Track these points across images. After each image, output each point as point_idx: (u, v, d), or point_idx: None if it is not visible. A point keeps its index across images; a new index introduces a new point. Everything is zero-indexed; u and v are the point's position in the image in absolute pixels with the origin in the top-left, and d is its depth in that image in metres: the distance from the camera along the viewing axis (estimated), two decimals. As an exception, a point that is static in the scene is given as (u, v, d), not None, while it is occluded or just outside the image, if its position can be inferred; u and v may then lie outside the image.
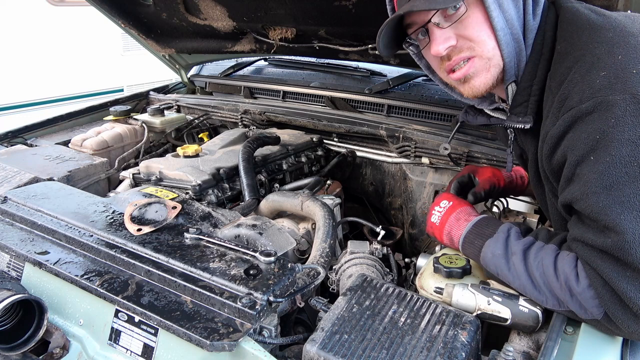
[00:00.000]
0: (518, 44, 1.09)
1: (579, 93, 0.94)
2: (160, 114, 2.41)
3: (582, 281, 0.95)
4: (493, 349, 0.99)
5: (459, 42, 1.09)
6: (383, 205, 2.29)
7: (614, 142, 0.89)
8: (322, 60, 2.83)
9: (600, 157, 0.91)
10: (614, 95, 0.90)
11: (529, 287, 1.03)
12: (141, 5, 2.37)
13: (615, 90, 0.90)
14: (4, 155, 1.91)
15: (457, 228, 1.21)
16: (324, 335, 0.96)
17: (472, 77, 1.12)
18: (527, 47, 1.10)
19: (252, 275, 1.12)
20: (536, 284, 1.02)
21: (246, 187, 1.71)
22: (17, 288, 1.17)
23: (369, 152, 2.23)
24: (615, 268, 0.90)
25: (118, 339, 1.12)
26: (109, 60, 5.95)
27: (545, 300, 1.02)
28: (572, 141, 0.96)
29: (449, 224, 1.23)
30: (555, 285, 0.99)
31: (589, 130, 0.92)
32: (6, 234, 1.37)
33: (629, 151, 0.88)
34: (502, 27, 1.05)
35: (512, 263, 1.06)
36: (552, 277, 0.99)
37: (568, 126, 0.96)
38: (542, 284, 1.01)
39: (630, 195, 0.88)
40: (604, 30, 0.99)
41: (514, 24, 1.07)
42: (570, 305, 0.98)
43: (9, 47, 4.99)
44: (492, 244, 1.11)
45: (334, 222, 1.50)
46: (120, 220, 1.38)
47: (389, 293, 1.08)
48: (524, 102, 1.11)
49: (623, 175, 0.88)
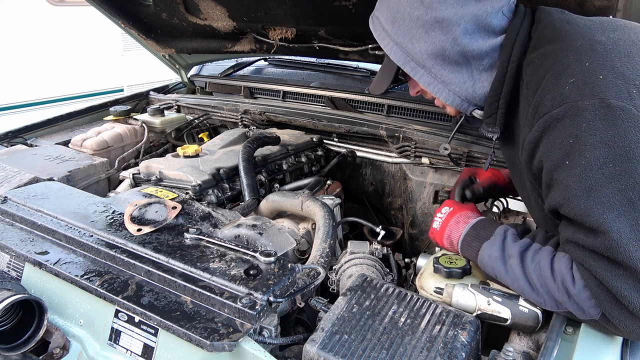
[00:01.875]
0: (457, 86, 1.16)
1: (551, 99, 0.99)
2: (160, 114, 2.41)
3: (578, 282, 0.96)
4: (493, 349, 0.99)
5: (420, 91, 1.29)
6: (383, 205, 2.29)
7: (587, 145, 0.92)
8: (322, 60, 2.83)
9: (576, 161, 0.94)
10: (582, 100, 0.94)
11: (527, 289, 1.04)
12: (141, 5, 2.37)
13: (584, 96, 0.94)
14: (4, 155, 1.91)
15: (456, 231, 1.23)
16: (324, 335, 0.96)
17: (445, 107, 1.28)
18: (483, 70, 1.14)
19: (252, 275, 1.12)
20: (534, 286, 1.03)
21: (246, 187, 1.71)
22: (17, 288, 1.17)
23: (369, 152, 2.23)
24: (607, 267, 0.91)
25: (118, 339, 1.12)
26: (109, 60, 5.95)
27: (543, 302, 1.02)
28: (547, 147, 1.00)
29: (449, 227, 1.25)
30: (553, 287, 0.99)
31: (562, 136, 0.96)
32: (6, 234, 1.37)
33: (602, 153, 0.91)
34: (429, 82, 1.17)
35: (510, 265, 1.07)
36: (549, 279, 1.00)
37: (542, 131, 1.00)
38: (540, 286, 1.01)
39: (610, 195, 0.90)
40: (573, 39, 1.03)
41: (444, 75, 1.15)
42: (568, 307, 0.99)
43: (9, 47, 4.99)
44: (488, 246, 1.12)
45: (334, 222, 1.50)
46: (120, 220, 1.38)
47: (389, 293, 1.08)
48: (492, 115, 1.18)
49: (600, 177, 0.91)
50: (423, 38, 1.12)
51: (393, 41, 1.17)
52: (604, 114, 0.91)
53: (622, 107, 0.91)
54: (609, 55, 0.97)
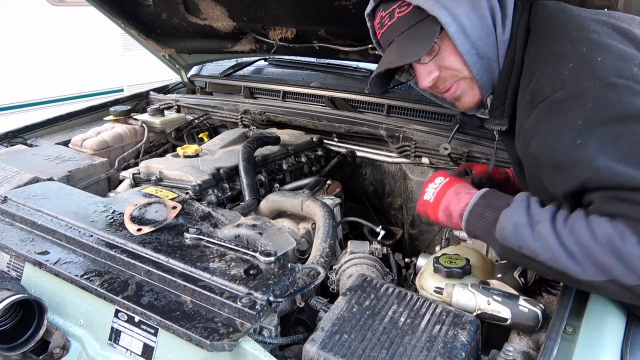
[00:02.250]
0: (487, 61, 1.16)
1: (550, 84, 1.00)
2: (160, 114, 2.41)
3: (630, 238, 0.86)
4: (493, 349, 0.99)
5: (441, 72, 1.20)
6: (383, 205, 2.29)
7: (595, 124, 0.92)
8: (322, 60, 2.83)
9: (590, 139, 0.92)
10: (583, 82, 0.95)
11: (563, 257, 0.93)
12: (141, 5, 2.37)
13: (585, 79, 0.95)
14: (4, 155, 1.91)
15: (456, 202, 1.16)
16: (324, 335, 0.96)
17: (460, 95, 1.24)
18: (500, 57, 1.16)
19: (252, 275, 1.12)
20: (572, 253, 0.92)
21: (246, 187, 1.71)
22: (17, 288, 1.17)
23: (369, 152, 2.23)
24: None
25: (118, 339, 1.12)
26: (109, 60, 5.95)
27: (582, 270, 0.92)
28: (551, 131, 0.98)
29: (447, 198, 1.18)
30: (596, 249, 0.90)
31: (568, 119, 0.96)
32: (6, 234, 1.37)
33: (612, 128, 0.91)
34: (467, 50, 1.13)
35: (539, 232, 0.97)
36: (590, 242, 0.90)
37: (543, 115, 1.00)
38: (579, 250, 0.92)
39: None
40: (568, 29, 1.05)
41: (479, 45, 1.14)
42: (616, 271, 0.88)
43: (9, 47, 4.99)
44: (511, 214, 1.03)
45: (334, 222, 1.50)
46: (120, 220, 1.38)
47: (389, 293, 1.08)
48: (500, 106, 1.18)
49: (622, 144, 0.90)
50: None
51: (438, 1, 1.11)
52: (608, 92, 0.92)
53: (624, 84, 0.92)
54: (605, 40, 0.99)
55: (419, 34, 1.16)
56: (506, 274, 1.17)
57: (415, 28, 1.16)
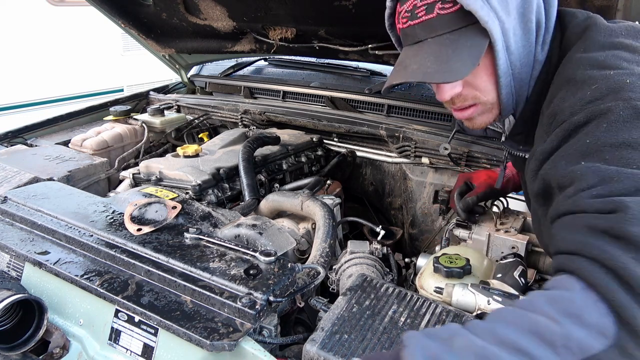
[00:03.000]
0: (519, 83, 1.04)
1: (570, 107, 0.91)
2: (160, 114, 2.41)
3: (576, 285, 0.75)
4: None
5: (464, 89, 1.04)
6: (383, 205, 2.29)
7: (606, 146, 0.84)
8: (322, 60, 2.83)
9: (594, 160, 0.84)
10: (606, 103, 0.86)
11: None
12: (141, 5, 2.37)
13: (608, 99, 0.86)
14: (4, 155, 1.91)
15: None
16: (324, 335, 0.96)
17: (475, 117, 1.10)
18: (532, 79, 1.05)
19: (252, 275, 1.12)
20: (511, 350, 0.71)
21: (246, 187, 1.71)
22: (17, 288, 1.18)
23: (369, 152, 2.23)
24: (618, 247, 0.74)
25: (118, 338, 1.12)
26: (109, 60, 5.95)
27: None
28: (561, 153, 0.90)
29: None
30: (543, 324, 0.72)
31: (580, 140, 0.87)
32: (6, 234, 1.37)
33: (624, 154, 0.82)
34: (505, 71, 1.01)
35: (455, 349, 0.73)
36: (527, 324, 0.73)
37: (561, 140, 0.91)
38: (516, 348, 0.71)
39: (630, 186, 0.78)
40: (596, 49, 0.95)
41: (516, 65, 1.01)
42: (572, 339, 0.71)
43: (9, 47, 4.99)
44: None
45: (334, 222, 1.50)
46: (120, 220, 1.38)
47: (389, 293, 1.08)
48: (523, 132, 1.08)
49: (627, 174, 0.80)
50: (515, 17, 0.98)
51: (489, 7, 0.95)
52: (629, 116, 0.83)
53: None
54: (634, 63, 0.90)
55: (463, 46, 0.98)
56: (506, 274, 1.17)
57: (458, 34, 0.98)
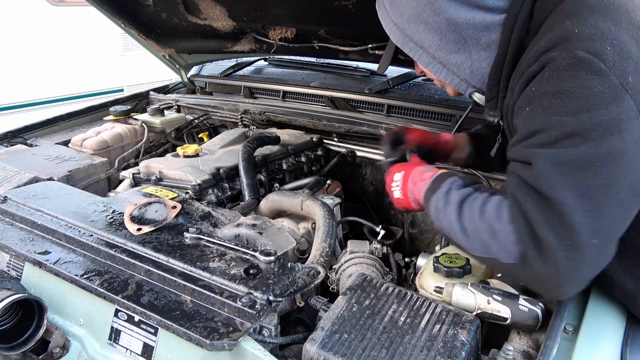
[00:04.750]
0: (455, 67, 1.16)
1: (528, 59, 1.00)
2: (160, 114, 2.41)
3: (504, 215, 0.97)
4: (493, 348, 0.99)
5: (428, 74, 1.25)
6: (383, 205, 2.29)
7: (545, 94, 0.94)
8: (322, 60, 2.83)
9: (533, 108, 0.96)
10: (552, 52, 0.94)
11: (459, 234, 1.06)
12: (141, 5, 2.37)
13: (555, 49, 0.94)
14: (4, 155, 1.91)
15: (418, 191, 1.23)
16: (324, 334, 0.96)
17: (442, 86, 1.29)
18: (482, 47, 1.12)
19: (252, 274, 1.12)
20: (465, 230, 1.04)
21: (246, 187, 1.71)
22: (17, 288, 1.17)
23: (369, 152, 2.23)
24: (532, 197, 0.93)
25: (118, 338, 1.12)
26: (109, 60, 5.95)
27: (472, 246, 1.04)
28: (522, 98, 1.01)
29: (410, 191, 1.25)
30: (480, 226, 1.01)
31: (529, 88, 0.98)
32: (6, 233, 1.37)
33: (558, 102, 0.92)
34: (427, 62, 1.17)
35: (446, 214, 1.09)
36: (477, 219, 1.02)
37: (521, 90, 1.01)
38: (470, 229, 1.03)
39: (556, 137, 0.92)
40: (566, 5, 1.02)
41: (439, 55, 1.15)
42: (492, 248, 0.99)
43: (9, 47, 4.99)
44: (435, 199, 1.14)
45: (333, 222, 1.50)
46: (120, 220, 1.38)
47: (388, 292, 1.08)
48: (493, 99, 1.18)
49: (549, 120, 0.93)
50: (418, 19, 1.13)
51: (392, 22, 1.18)
52: (569, 64, 0.91)
53: (589, 59, 0.90)
54: (592, 15, 0.96)
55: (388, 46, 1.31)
56: (506, 273, 1.17)
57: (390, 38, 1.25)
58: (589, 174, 0.89)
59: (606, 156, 0.88)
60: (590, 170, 0.88)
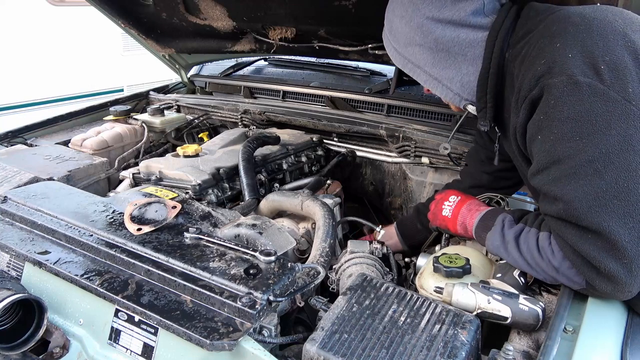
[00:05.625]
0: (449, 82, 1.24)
1: (528, 83, 1.06)
2: (160, 114, 2.41)
3: (557, 254, 1.05)
4: (493, 348, 0.99)
5: None
6: (383, 205, 2.29)
7: (554, 121, 1.00)
8: (322, 60, 2.83)
9: (546, 136, 1.02)
10: (552, 78, 1.00)
11: (528, 269, 1.13)
12: (141, 5, 2.37)
13: (554, 74, 1.00)
14: (4, 155, 1.91)
15: (470, 218, 1.32)
16: (324, 334, 0.96)
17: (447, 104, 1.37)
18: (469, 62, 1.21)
19: (252, 274, 1.12)
20: (532, 265, 1.12)
21: (246, 187, 1.71)
22: (17, 288, 1.17)
23: (369, 152, 2.23)
24: (575, 233, 0.99)
25: (118, 338, 1.12)
26: (109, 60, 5.95)
27: (542, 277, 1.12)
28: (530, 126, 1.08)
29: (462, 215, 1.34)
30: (542, 264, 1.08)
31: (538, 116, 1.04)
32: (6, 233, 1.37)
33: (569, 127, 0.97)
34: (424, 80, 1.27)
35: (509, 251, 1.16)
36: (538, 257, 1.09)
37: (529, 113, 1.08)
38: (535, 265, 1.11)
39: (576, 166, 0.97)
40: (550, 24, 1.08)
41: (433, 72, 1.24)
42: (560, 279, 1.07)
43: (9, 47, 4.99)
44: (491, 236, 1.21)
45: (334, 222, 1.50)
46: (120, 219, 1.38)
47: (388, 292, 1.08)
48: (482, 109, 1.26)
49: (567, 150, 0.98)
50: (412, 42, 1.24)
51: (393, 47, 1.31)
52: (571, 90, 0.97)
53: (588, 83, 0.96)
54: (579, 35, 1.01)
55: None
56: (506, 273, 1.17)
57: None
58: (622, 197, 0.94)
59: (630, 173, 0.93)
60: (623, 193, 0.93)
